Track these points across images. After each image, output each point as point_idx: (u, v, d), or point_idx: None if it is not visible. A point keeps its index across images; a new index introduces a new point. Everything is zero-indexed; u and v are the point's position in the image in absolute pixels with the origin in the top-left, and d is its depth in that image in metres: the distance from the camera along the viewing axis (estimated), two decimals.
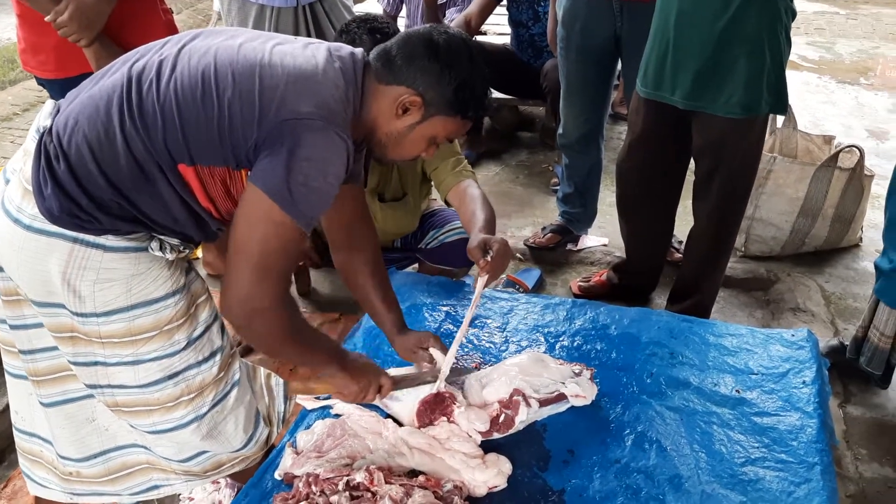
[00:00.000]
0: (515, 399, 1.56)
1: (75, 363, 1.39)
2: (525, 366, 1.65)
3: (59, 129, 1.28)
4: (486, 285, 1.67)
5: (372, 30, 2.05)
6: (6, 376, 1.54)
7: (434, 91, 1.37)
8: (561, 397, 1.62)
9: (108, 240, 1.30)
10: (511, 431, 1.56)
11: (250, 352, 2.49)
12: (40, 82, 2.22)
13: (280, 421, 1.62)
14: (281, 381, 1.62)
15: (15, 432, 1.59)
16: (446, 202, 2.16)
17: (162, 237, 1.35)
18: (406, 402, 1.60)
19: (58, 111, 1.32)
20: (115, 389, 1.40)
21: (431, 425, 1.55)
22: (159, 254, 1.34)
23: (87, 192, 1.26)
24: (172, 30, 2.21)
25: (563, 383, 1.62)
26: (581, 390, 1.62)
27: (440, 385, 1.59)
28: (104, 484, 1.54)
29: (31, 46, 2.12)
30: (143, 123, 1.26)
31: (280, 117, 1.25)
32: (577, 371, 1.66)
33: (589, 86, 2.88)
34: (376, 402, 1.62)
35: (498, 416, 1.55)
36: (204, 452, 1.52)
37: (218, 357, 1.47)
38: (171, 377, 1.40)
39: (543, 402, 1.59)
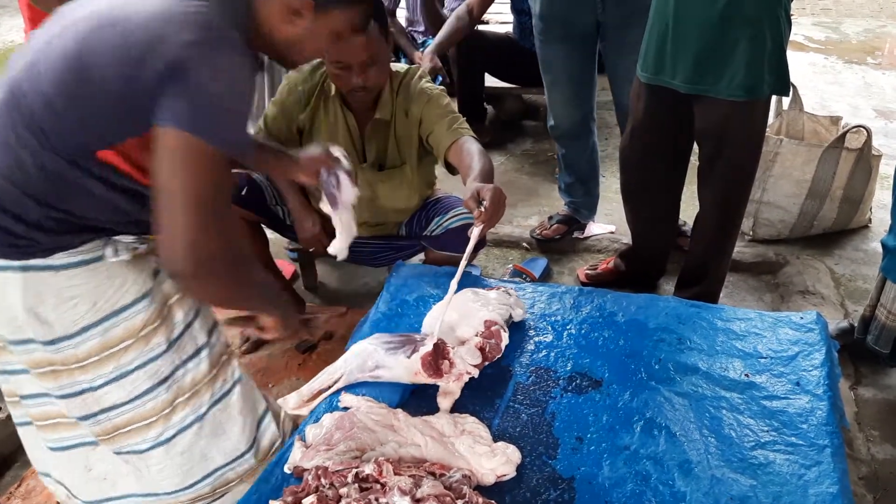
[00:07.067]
0: (495, 329, 1.68)
1: (62, 396, 1.36)
2: (484, 297, 1.79)
3: None
4: (481, 234, 1.68)
5: None
6: (17, 428, 1.54)
7: None
8: (510, 320, 1.79)
9: (58, 258, 1.25)
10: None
11: (256, 349, 2.51)
12: None
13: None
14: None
15: (41, 477, 1.59)
16: (447, 164, 2.12)
17: (115, 238, 1.30)
18: (395, 367, 1.61)
19: None
20: (108, 412, 1.37)
21: (439, 371, 1.58)
22: (115, 259, 1.30)
23: (20, 218, 1.21)
24: None
25: (511, 307, 1.79)
26: (521, 310, 1.84)
27: (435, 336, 1.61)
28: None
29: None
30: (40, 130, 1.17)
31: (163, 56, 1.13)
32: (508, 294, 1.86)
33: (573, 74, 2.86)
34: (366, 377, 1.62)
35: (483, 347, 1.65)
36: (212, 473, 1.49)
37: (204, 353, 1.44)
38: (161, 383, 1.38)
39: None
